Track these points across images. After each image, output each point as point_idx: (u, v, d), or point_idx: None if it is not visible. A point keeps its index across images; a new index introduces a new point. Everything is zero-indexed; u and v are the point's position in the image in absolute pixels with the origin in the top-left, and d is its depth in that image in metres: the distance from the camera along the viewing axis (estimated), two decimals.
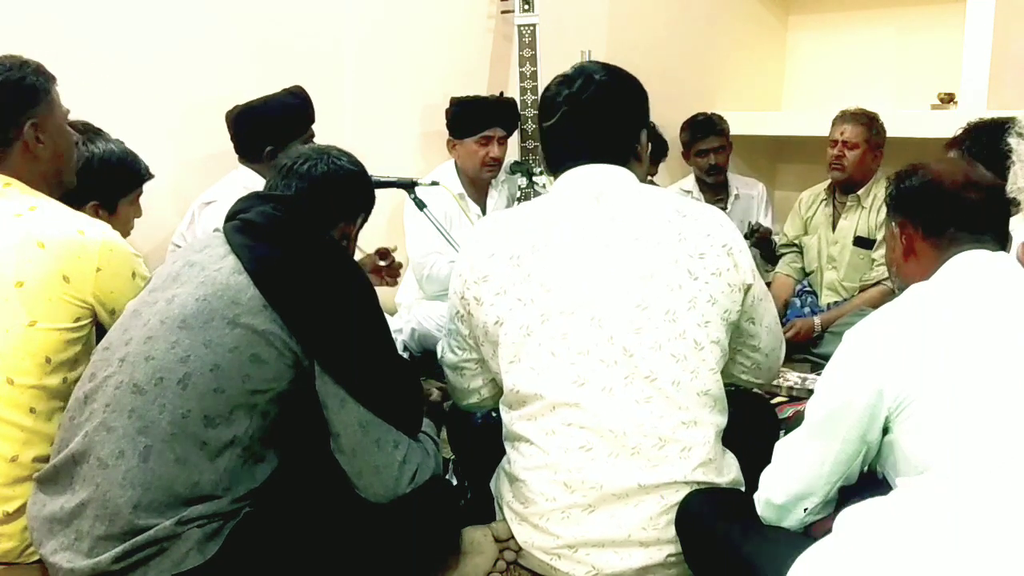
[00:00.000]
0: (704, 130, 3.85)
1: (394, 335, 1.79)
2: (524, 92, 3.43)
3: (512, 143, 3.37)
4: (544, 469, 1.64)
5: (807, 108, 4.46)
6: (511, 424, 1.71)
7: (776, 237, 3.87)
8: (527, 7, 3.49)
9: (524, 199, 3.28)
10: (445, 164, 3.33)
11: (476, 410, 2.00)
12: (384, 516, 1.60)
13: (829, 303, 3.56)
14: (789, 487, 1.51)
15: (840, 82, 4.33)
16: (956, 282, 1.49)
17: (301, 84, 2.81)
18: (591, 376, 1.62)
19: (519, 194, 3.36)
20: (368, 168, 1.84)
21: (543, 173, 3.20)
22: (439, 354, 1.96)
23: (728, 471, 1.68)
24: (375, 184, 1.88)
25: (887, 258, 1.75)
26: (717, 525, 1.55)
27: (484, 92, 3.47)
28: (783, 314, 3.58)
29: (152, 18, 2.93)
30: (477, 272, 1.73)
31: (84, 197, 2.04)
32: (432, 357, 2.02)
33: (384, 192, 2.20)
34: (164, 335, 1.53)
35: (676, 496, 1.60)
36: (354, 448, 1.57)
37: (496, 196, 3.35)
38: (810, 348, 3.38)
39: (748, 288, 1.72)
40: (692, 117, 3.90)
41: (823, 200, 3.65)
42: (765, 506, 1.54)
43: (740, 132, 4.15)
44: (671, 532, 1.60)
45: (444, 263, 3.04)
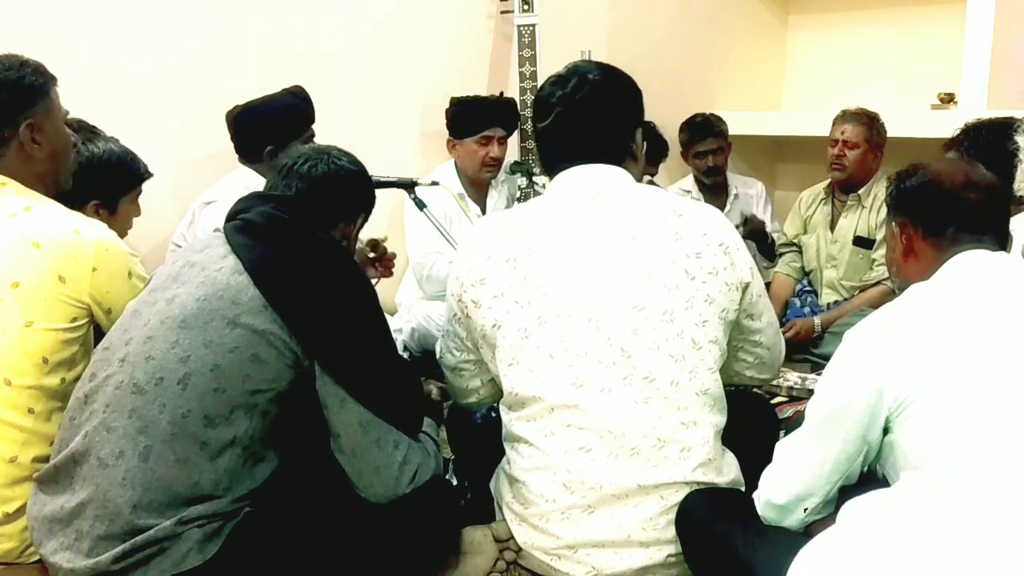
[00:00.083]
0: (702, 132, 3.84)
1: (394, 335, 1.79)
2: (524, 92, 3.43)
3: (512, 143, 3.37)
4: (543, 470, 1.64)
5: (807, 108, 4.46)
6: (510, 425, 1.70)
7: (776, 235, 3.87)
8: (527, 7, 3.49)
9: (524, 199, 3.28)
10: (445, 164, 3.33)
11: (476, 408, 2.00)
12: (384, 516, 1.60)
13: (829, 302, 3.56)
14: (790, 487, 1.51)
15: (840, 82, 4.33)
16: (956, 282, 1.49)
17: (301, 84, 2.80)
18: (589, 377, 1.62)
19: (519, 194, 3.36)
20: (368, 168, 1.84)
21: (543, 173, 3.20)
22: (437, 354, 1.96)
23: (728, 471, 1.67)
24: (375, 184, 1.88)
25: (887, 258, 1.75)
26: (717, 525, 1.55)
27: (484, 92, 3.47)
28: (783, 314, 3.58)
29: (152, 18, 2.93)
30: (474, 275, 1.72)
31: (85, 197, 2.04)
32: (432, 357, 2.02)
33: (384, 192, 2.20)
34: (164, 335, 1.53)
35: (676, 496, 1.60)
36: (354, 448, 1.57)
37: (496, 196, 3.35)
38: (810, 348, 3.38)
39: (746, 286, 1.71)
40: (690, 118, 3.89)
41: (822, 199, 3.65)
42: (765, 506, 1.54)
43: (740, 132, 4.15)
44: (671, 532, 1.60)
45: (444, 263, 3.04)
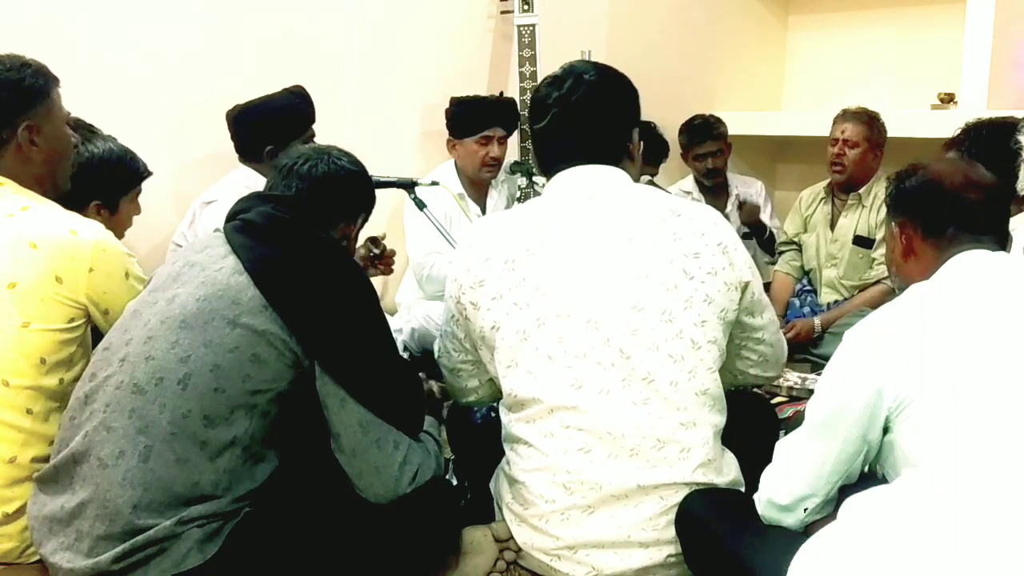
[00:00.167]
0: (701, 135, 3.84)
1: (394, 335, 1.79)
2: (524, 92, 3.43)
3: (512, 143, 3.37)
4: (543, 471, 1.63)
5: (807, 108, 4.46)
6: (509, 426, 1.70)
7: (776, 232, 3.87)
8: (527, 7, 3.49)
9: (524, 199, 3.28)
10: (445, 164, 3.33)
11: (475, 406, 2.00)
12: (384, 516, 1.60)
13: (828, 302, 3.56)
14: (790, 487, 1.50)
15: (840, 82, 4.32)
16: (956, 282, 1.49)
17: (301, 84, 2.81)
18: (588, 379, 1.62)
19: (519, 194, 3.36)
20: (368, 168, 1.84)
21: (540, 174, 3.20)
22: (435, 354, 1.96)
23: (728, 471, 1.67)
24: (375, 184, 1.88)
25: (887, 258, 1.75)
26: (717, 525, 1.55)
27: (484, 92, 3.46)
28: (783, 314, 3.58)
29: (152, 18, 2.93)
30: (472, 277, 1.72)
31: (86, 197, 2.04)
32: (432, 357, 2.02)
33: (384, 192, 2.20)
34: (164, 335, 1.53)
35: (676, 497, 1.60)
36: (354, 448, 1.57)
37: (496, 196, 3.35)
38: (810, 348, 3.37)
39: (746, 285, 1.71)
40: (689, 120, 3.88)
41: (822, 198, 3.65)
42: (766, 506, 1.54)
43: (740, 132, 4.15)
44: (671, 533, 1.60)
45: (444, 263, 3.04)
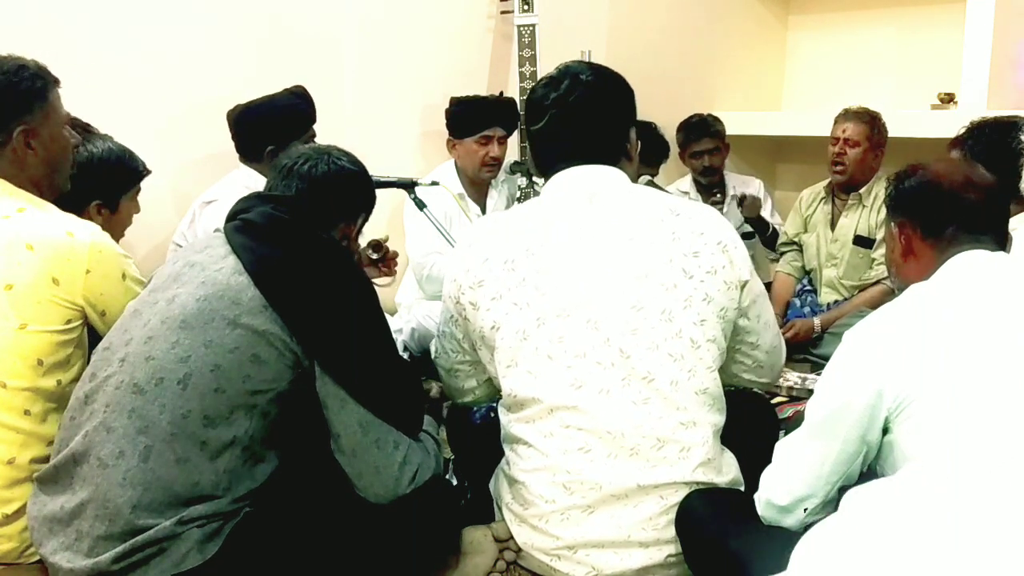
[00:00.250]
0: (697, 132, 3.85)
1: (394, 335, 1.79)
2: (524, 92, 3.42)
3: (512, 143, 3.37)
4: (543, 471, 1.63)
5: (807, 108, 4.46)
6: (509, 427, 1.70)
7: (777, 227, 3.87)
8: (527, 7, 3.49)
9: (524, 199, 3.28)
10: (445, 164, 3.33)
11: (473, 406, 2.00)
12: (384, 516, 1.60)
13: (828, 302, 3.56)
14: (789, 487, 1.51)
15: (840, 82, 4.33)
16: (955, 282, 1.49)
17: (301, 84, 2.81)
18: (588, 378, 1.62)
19: (519, 194, 3.36)
20: (368, 168, 1.84)
21: (538, 174, 3.20)
22: (433, 355, 1.96)
23: (728, 470, 1.67)
24: (375, 184, 1.88)
25: (887, 258, 1.75)
26: (717, 525, 1.55)
27: (484, 92, 3.46)
28: (783, 314, 3.58)
29: (152, 18, 2.93)
30: (472, 277, 1.72)
31: (86, 198, 2.04)
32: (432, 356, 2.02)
33: (384, 192, 2.20)
34: (164, 335, 1.53)
35: (676, 496, 1.60)
36: (354, 449, 1.57)
37: (496, 196, 3.35)
38: (810, 348, 3.37)
39: (744, 284, 1.71)
40: (687, 119, 3.89)
41: (823, 198, 3.65)
42: (765, 506, 1.54)
43: (740, 132, 4.15)
44: (671, 532, 1.60)
45: (444, 263, 3.04)
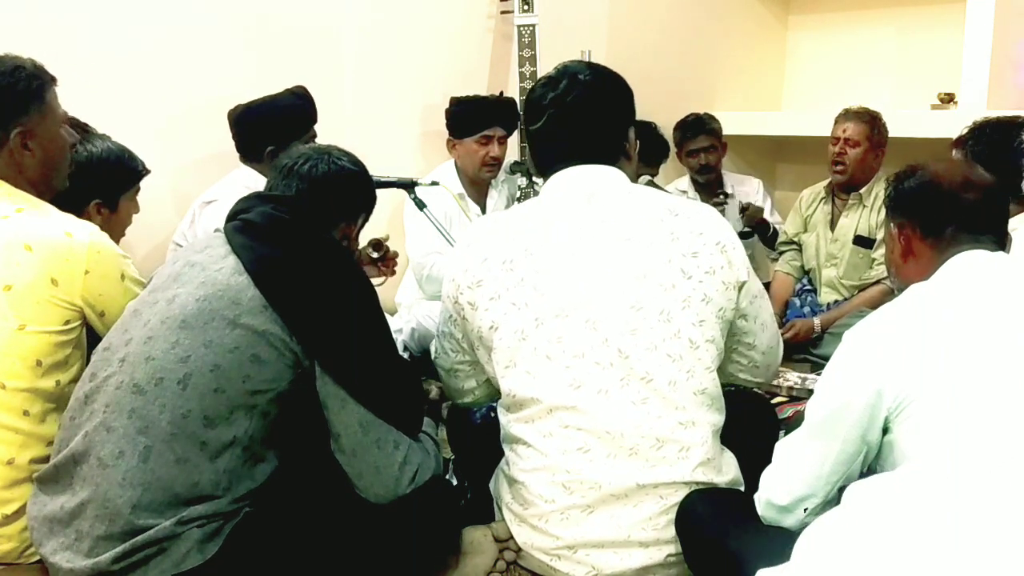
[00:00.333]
0: (693, 130, 3.85)
1: (394, 335, 1.79)
2: (524, 92, 3.43)
3: (512, 143, 3.37)
4: (542, 471, 1.64)
5: (807, 108, 4.46)
6: (508, 427, 1.70)
7: (778, 226, 3.87)
8: (527, 7, 3.49)
9: (524, 199, 3.27)
10: (445, 164, 3.33)
11: (473, 406, 2.00)
12: (384, 516, 1.60)
13: (828, 302, 3.56)
14: (790, 487, 1.51)
15: (840, 82, 4.33)
16: (955, 282, 1.49)
17: (301, 84, 2.81)
18: (587, 379, 1.62)
19: (519, 194, 3.36)
20: (368, 168, 1.84)
21: (537, 175, 3.20)
22: (432, 355, 1.96)
23: (727, 470, 1.67)
24: (375, 184, 1.88)
25: (886, 259, 1.75)
26: (716, 525, 1.55)
27: (484, 92, 3.46)
28: (783, 313, 3.58)
29: (152, 18, 2.93)
30: (470, 277, 1.72)
31: (86, 197, 2.04)
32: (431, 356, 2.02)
33: (384, 192, 2.20)
34: (164, 335, 1.53)
35: (675, 496, 1.60)
36: (354, 448, 1.57)
37: (496, 196, 3.35)
38: (810, 348, 3.38)
39: (743, 285, 1.71)
40: (683, 118, 3.90)
41: (823, 198, 3.65)
42: (765, 506, 1.54)
43: (740, 132, 4.15)
44: (671, 532, 1.60)
45: (444, 263, 3.04)
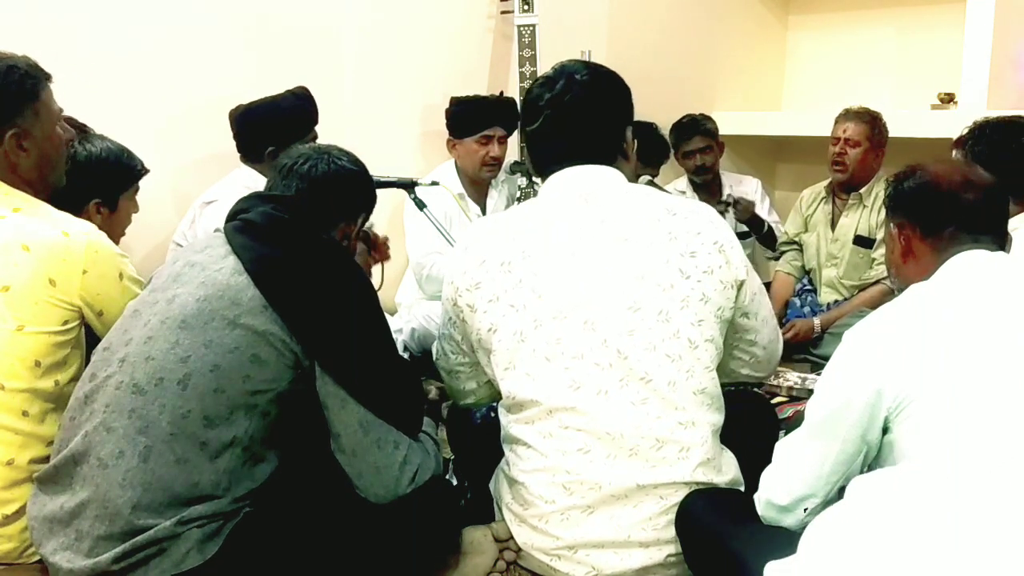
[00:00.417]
0: (688, 132, 3.85)
1: (394, 335, 1.79)
2: (524, 92, 3.43)
3: (512, 143, 3.37)
4: (542, 472, 1.64)
5: (807, 108, 4.46)
6: (508, 427, 1.70)
7: (775, 226, 3.87)
8: (527, 7, 3.49)
9: (524, 199, 3.27)
10: (445, 164, 3.33)
11: (474, 407, 2.00)
12: (384, 516, 1.60)
13: (828, 301, 3.56)
14: (789, 487, 1.51)
15: (840, 82, 4.33)
16: (955, 282, 1.49)
17: (301, 84, 2.81)
18: (586, 380, 1.62)
19: (519, 194, 3.36)
20: (368, 168, 1.84)
21: (535, 175, 3.20)
22: (434, 356, 1.96)
23: (727, 470, 1.67)
24: (375, 184, 1.88)
25: (886, 259, 1.75)
26: (717, 525, 1.55)
27: (484, 92, 3.46)
28: (783, 313, 3.58)
29: (152, 18, 2.93)
30: (469, 279, 1.72)
31: (85, 197, 2.04)
32: (432, 357, 2.02)
33: (384, 192, 2.20)
34: (164, 335, 1.53)
35: (675, 496, 1.60)
36: (354, 448, 1.57)
37: (496, 196, 3.35)
38: (810, 348, 3.38)
39: (741, 284, 1.71)
40: (678, 119, 3.90)
41: (823, 198, 3.65)
42: (765, 506, 1.54)
43: (740, 132, 4.15)
44: (671, 532, 1.60)
45: (444, 263, 3.04)
